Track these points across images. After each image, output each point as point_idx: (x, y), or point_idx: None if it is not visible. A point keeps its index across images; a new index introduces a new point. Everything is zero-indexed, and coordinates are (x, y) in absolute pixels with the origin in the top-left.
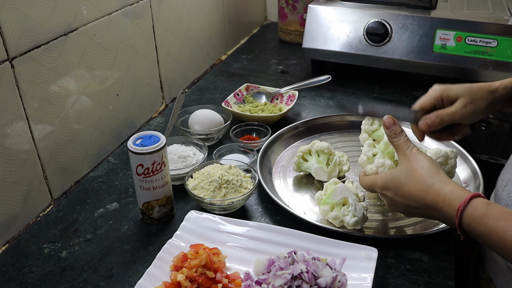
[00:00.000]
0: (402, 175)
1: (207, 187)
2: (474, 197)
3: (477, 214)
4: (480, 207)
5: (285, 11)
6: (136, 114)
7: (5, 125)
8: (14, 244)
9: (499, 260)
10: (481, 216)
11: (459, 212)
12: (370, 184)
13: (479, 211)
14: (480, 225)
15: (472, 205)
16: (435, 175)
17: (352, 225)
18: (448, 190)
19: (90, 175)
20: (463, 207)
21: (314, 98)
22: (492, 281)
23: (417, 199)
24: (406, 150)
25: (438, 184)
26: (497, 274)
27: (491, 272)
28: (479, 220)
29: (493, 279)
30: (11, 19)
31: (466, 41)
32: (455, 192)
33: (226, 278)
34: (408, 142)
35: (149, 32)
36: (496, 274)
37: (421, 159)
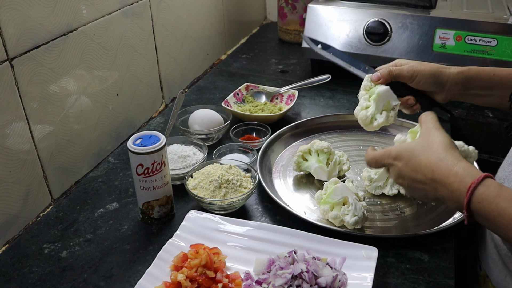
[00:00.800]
0: (418, 146)
1: (207, 187)
2: (487, 177)
3: (490, 193)
4: (493, 187)
5: (285, 10)
6: (136, 114)
7: (5, 125)
8: (14, 244)
9: (495, 257)
10: (493, 196)
11: (471, 189)
12: (381, 154)
13: (492, 190)
14: (492, 205)
15: (485, 184)
16: (451, 151)
17: (352, 224)
18: (461, 166)
19: (90, 175)
20: (476, 184)
21: (314, 98)
22: (488, 278)
23: (427, 171)
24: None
25: (451, 160)
26: (493, 271)
27: (488, 269)
28: (491, 199)
29: (490, 276)
30: (11, 19)
31: (466, 40)
32: (469, 169)
33: (226, 278)
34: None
35: (148, 32)
36: (492, 271)
37: (440, 135)
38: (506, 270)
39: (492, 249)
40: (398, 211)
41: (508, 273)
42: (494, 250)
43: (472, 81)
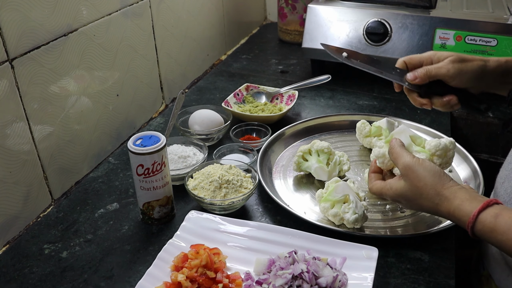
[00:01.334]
0: (408, 192)
1: (207, 187)
2: (482, 210)
3: (486, 230)
4: (488, 222)
5: (285, 11)
6: (136, 114)
7: (6, 125)
8: (15, 244)
9: (497, 257)
10: (490, 231)
11: (469, 228)
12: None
13: (488, 226)
14: (491, 239)
15: (480, 221)
16: (442, 191)
17: (352, 222)
18: (455, 206)
19: (91, 176)
20: (471, 223)
21: (314, 98)
22: (491, 277)
23: (430, 211)
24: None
25: (446, 202)
26: (496, 271)
27: (490, 269)
28: (488, 234)
29: (492, 275)
30: (11, 19)
31: (466, 40)
32: (463, 208)
33: (227, 278)
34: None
35: (149, 33)
36: (495, 271)
37: (421, 175)
38: (509, 269)
39: (495, 249)
40: (398, 211)
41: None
42: (497, 250)
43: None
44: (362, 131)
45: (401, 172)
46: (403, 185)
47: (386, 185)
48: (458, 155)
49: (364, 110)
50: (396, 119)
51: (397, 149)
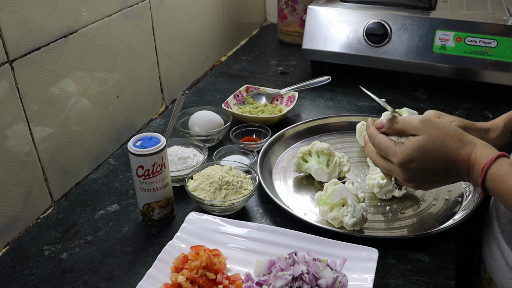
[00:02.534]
0: (429, 143)
1: (208, 189)
2: (500, 156)
3: (500, 173)
4: (504, 166)
5: (285, 12)
6: (136, 115)
7: (5, 127)
8: (15, 246)
9: (499, 259)
10: (503, 175)
11: (484, 169)
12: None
13: (503, 170)
14: (501, 184)
15: (497, 164)
16: (463, 136)
17: (351, 226)
18: (478, 149)
19: (90, 177)
20: (489, 164)
21: (314, 99)
22: (493, 280)
23: (450, 161)
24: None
25: (468, 146)
26: (497, 273)
27: (492, 272)
28: (501, 179)
29: (494, 278)
30: (11, 21)
31: (466, 42)
32: (484, 151)
33: (227, 280)
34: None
35: (148, 34)
36: (497, 273)
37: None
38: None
39: (497, 251)
40: (398, 212)
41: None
42: (498, 252)
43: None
44: (362, 133)
45: (416, 127)
46: (420, 138)
47: (399, 144)
48: None
49: (364, 111)
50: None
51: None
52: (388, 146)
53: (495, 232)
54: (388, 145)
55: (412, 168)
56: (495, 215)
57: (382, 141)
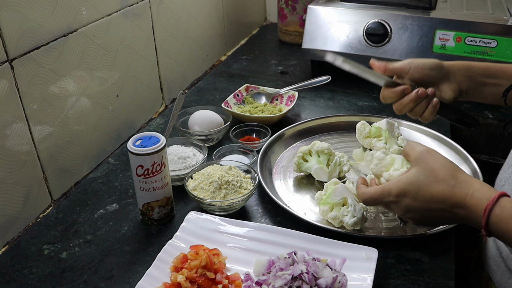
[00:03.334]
0: (421, 177)
1: (207, 188)
2: (502, 196)
3: (505, 214)
4: (508, 207)
5: (285, 11)
6: (136, 115)
7: (5, 126)
8: (14, 245)
9: (498, 259)
10: (509, 217)
11: (487, 211)
12: (380, 194)
13: (508, 211)
14: (508, 226)
15: (500, 205)
16: (458, 174)
17: (351, 225)
18: (475, 188)
19: (90, 176)
20: (491, 206)
21: (314, 99)
22: (491, 280)
23: (442, 199)
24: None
25: (464, 184)
26: (496, 273)
27: (491, 271)
28: (507, 220)
29: (492, 278)
30: (11, 20)
31: (466, 42)
32: (483, 191)
33: (226, 279)
34: (415, 145)
35: (148, 33)
36: (495, 273)
37: (438, 158)
38: (509, 272)
39: (495, 251)
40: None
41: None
42: (496, 252)
43: (472, 67)
44: (362, 132)
45: (415, 158)
46: (414, 171)
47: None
48: (458, 156)
49: (364, 111)
50: (395, 120)
51: (412, 142)
52: (381, 192)
53: None
54: (380, 192)
55: (406, 203)
56: None
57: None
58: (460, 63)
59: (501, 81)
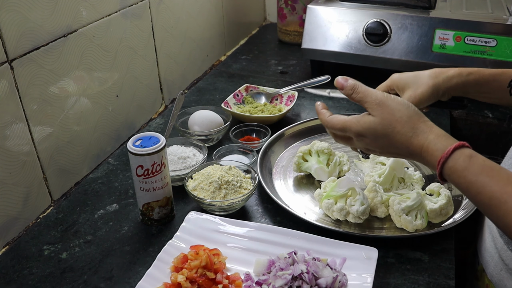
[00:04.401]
0: (379, 126)
1: (207, 188)
2: (457, 148)
3: (458, 167)
4: (462, 160)
5: (284, 11)
6: (136, 115)
7: (5, 126)
8: (14, 245)
9: (491, 250)
10: (461, 170)
11: (440, 163)
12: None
13: (460, 164)
14: (460, 178)
15: (454, 157)
16: (417, 124)
17: (361, 213)
18: (431, 140)
19: (90, 177)
20: (444, 158)
21: (314, 99)
22: (485, 271)
23: (400, 147)
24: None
25: (421, 135)
26: (489, 265)
27: (484, 263)
28: (459, 173)
29: (486, 269)
30: (10, 20)
31: (465, 41)
32: (438, 143)
33: (227, 279)
34: (370, 91)
35: (148, 33)
36: (489, 265)
37: (399, 107)
38: (502, 263)
39: (490, 243)
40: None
41: (503, 266)
42: (491, 244)
43: (469, 86)
44: None
45: (371, 106)
46: (372, 119)
47: (351, 119)
48: None
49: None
50: None
51: (362, 87)
52: (343, 124)
53: (490, 224)
54: (343, 123)
55: (366, 142)
56: None
57: (335, 122)
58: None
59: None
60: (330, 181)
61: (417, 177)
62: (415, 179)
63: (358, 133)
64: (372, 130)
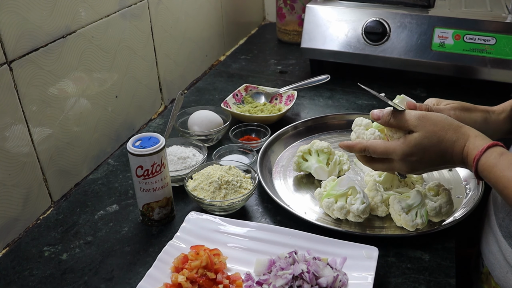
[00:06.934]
0: (425, 141)
1: (207, 188)
2: (490, 147)
3: (490, 164)
4: (493, 157)
5: (283, 11)
6: (135, 115)
7: (4, 128)
8: (15, 247)
9: (497, 254)
10: (492, 166)
11: (475, 160)
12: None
13: (492, 161)
14: (490, 174)
15: (486, 155)
16: (458, 128)
17: (361, 212)
18: (471, 141)
19: (90, 177)
20: (479, 155)
21: (313, 98)
22: (491, 275)
23: (444, 157)
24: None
25: (462, 137)
26: (495, 268)
27: (490, 266)
28: (490, 169)
29: (492, 272)
30: (9, 22)
31: (465, 39)
32: (476, 142)
33: (227, 279)
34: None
35: (147, 34)
36: (494, 267)
37: (439, 118)
38: (508, 266)
39: (494, 246)
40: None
41: (510, 269)
42: (496, 247)
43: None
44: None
45: (413, 123)
46: (417, 135)
47: (393, 143)
48: None
49: (364, 109)
50: None
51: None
52: (386, 147)
53: (493, 226)
54: (385, 146)
55: (412, 161)
56: (493, 210)
57: (377, 146)
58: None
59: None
60: (330, 180)
61: (417, 176)
62: (415, 178)
63: (405, 154)
64: (419, 146)
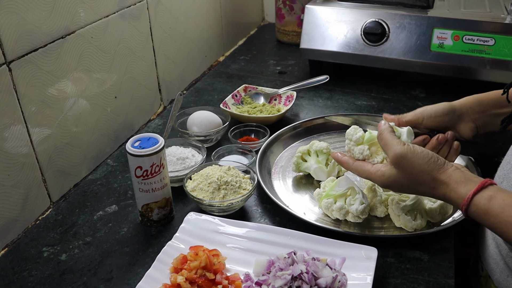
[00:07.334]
0: (403, 179)
1: (206, 189)
2: (476, 193)
3: (480, 212)
4: (482, 204)
5: (283, 11)
6: (135, 116)
7: (3, 128)
8: (14, 248)
9: (496, 257)
10: (483, 214)
11: (464, 210)
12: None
13: (482, 208)
14: (484, 221)
15: (474, 203)
16: (437, 175)
17: (360, 212)
18: (451, 188)
19: (89, 178)
20: (466, 206)
21: (312, 99)
22: (490, 278)
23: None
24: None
25: (442, 186)
26: (495, 272)
27: (490, 270)
28: (482, 217)
29: (492, 276)
30: (8, 22)
31: (464, 40)
32: (458, 191)
33: (226, 280)
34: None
35: (146, 34)
36: (494, 272)
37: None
38: (508, 270)
39: (494, 249)
40: None
41: (510, 273)
42: (495, 250)
43: (483, 101)
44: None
45: (392, 161)
46: (395, 172)
47: (377, 171)
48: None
49: (363, 110)
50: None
51: (387, 135)
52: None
53: None
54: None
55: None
56: None
57: (360, 171)
58: (471, 99)
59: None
60: (329, 181)
61: None
62: None
63: (384, 185)
64: (397, 182)
